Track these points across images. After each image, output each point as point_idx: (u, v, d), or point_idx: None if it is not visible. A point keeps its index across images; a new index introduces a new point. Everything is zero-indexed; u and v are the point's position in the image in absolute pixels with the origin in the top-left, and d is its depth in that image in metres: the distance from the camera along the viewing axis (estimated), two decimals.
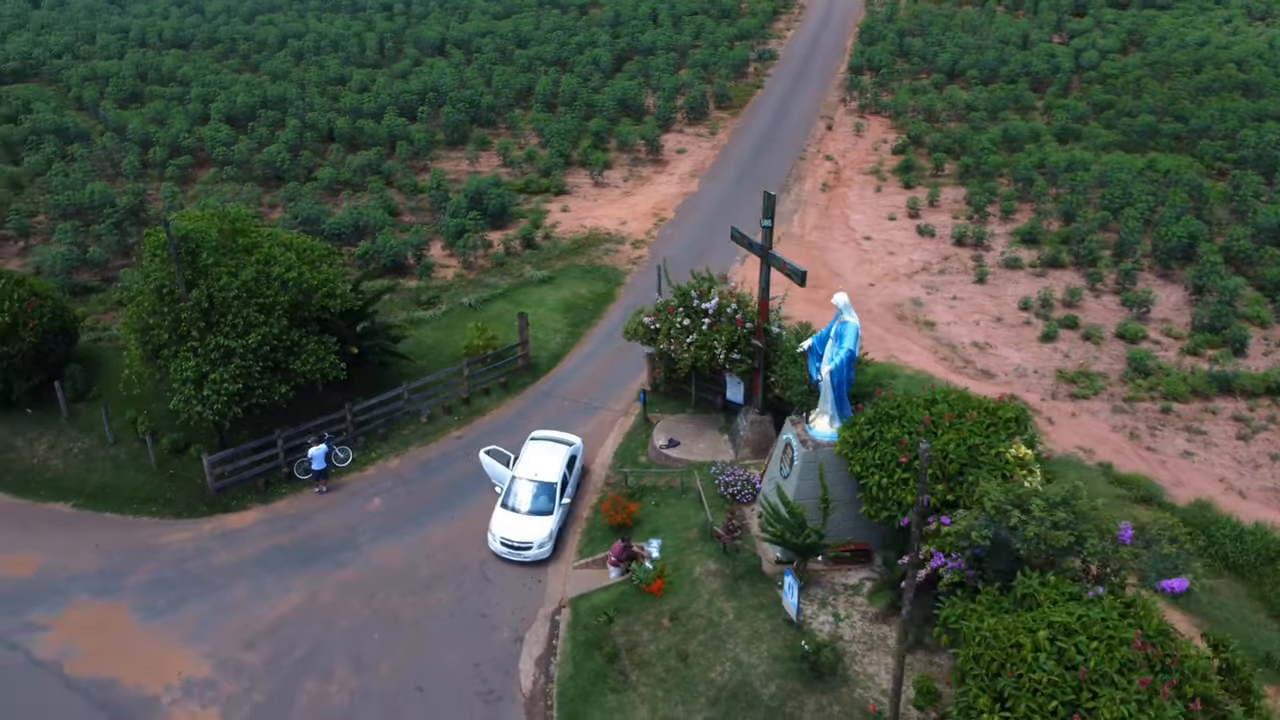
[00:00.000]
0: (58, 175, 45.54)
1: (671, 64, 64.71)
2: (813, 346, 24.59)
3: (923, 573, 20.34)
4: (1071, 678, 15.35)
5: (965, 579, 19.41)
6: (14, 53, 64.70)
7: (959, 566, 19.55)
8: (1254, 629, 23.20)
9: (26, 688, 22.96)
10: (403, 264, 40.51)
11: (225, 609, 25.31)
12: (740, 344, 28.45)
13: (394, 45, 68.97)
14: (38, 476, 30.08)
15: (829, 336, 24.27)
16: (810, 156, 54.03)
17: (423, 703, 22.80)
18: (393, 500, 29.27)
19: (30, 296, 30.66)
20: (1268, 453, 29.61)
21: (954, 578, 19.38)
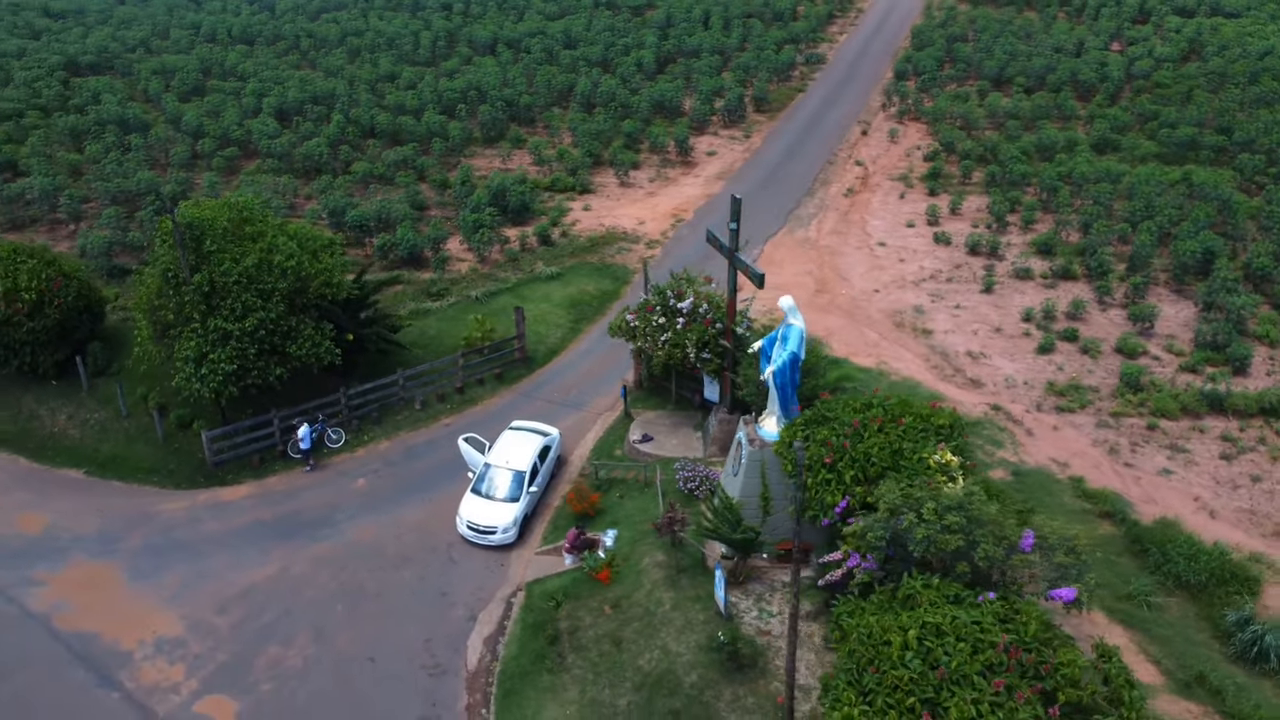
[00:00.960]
0: (111, 163, 48.27)
1: (714, 67, 65.22)
2: (763, 348, 25.09)
3: (839, 572, 20.81)
4: (933, 676, 15.74)
5: (874, 579, 19.82)
6: (92, 46, 68.40)
7: (871, 567, 19.96)
8: (1193, 648, 23.05)
9: (15, 638, 24.87)
10: (420, 256, 42.02)
11: (205, 575, 26.95)
12: (710, 344, 29.07)
13: (447, 44, 70.86)
14: (56, 444, 32.26)
15: (777, 339, 24.71)
16: (840, 161, 54.08)
17: (371, 672, 24.05)
18: (376, 481, 30.66)
19: (58, 276, 32.85)
20: (1249, 474, 29.08)
21: (864, 578, 19.80)
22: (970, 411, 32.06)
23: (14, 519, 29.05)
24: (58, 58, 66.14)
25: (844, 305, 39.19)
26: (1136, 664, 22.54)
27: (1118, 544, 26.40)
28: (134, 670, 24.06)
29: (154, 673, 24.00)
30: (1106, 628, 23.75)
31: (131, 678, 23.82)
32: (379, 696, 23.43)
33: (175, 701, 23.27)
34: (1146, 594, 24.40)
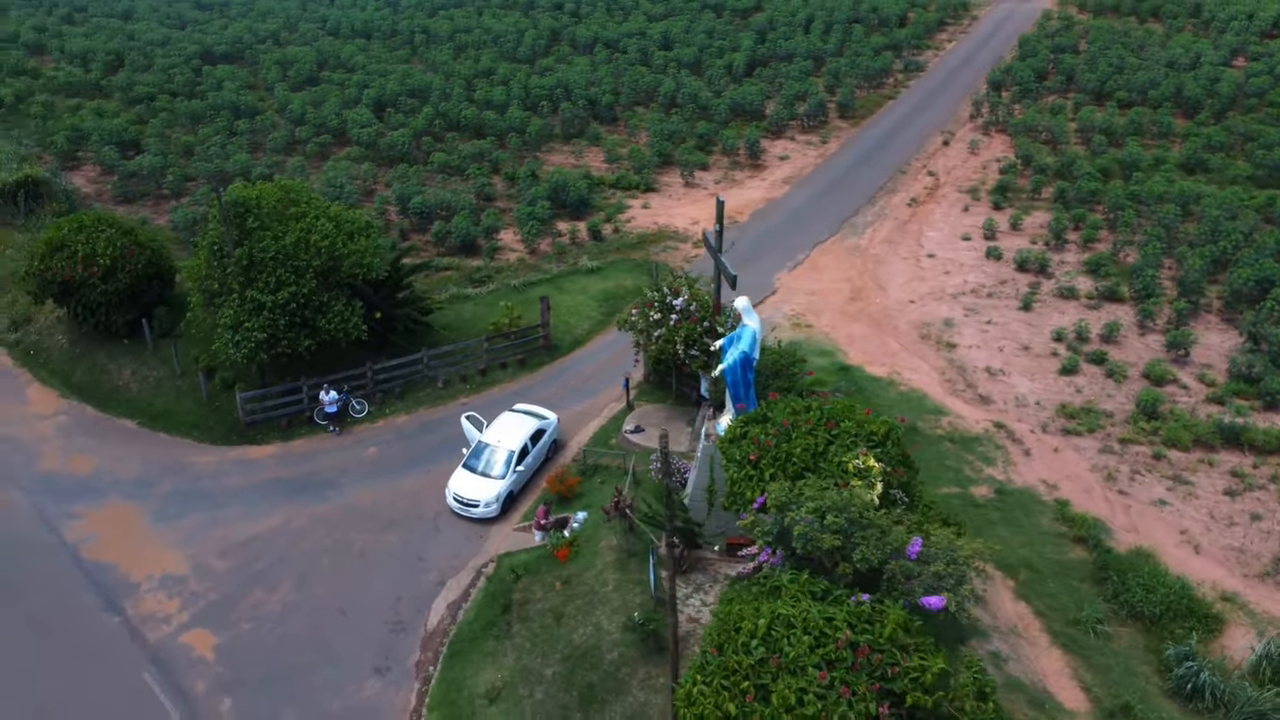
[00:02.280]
0: (215, 145, 52.43)
1: (804, 71, 65.30)
2: (723, 347, 25.76)
3: (750, 566, 21.46)
4: (770, 664, 16.38)
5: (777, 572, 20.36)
6: (227, 37, 73.85)
7: (776, 562, 20.54)
8: (1131, 679, 22.63)
9: (46, 562, 27.98)
10: (474, 244, 44.15)
11: (217, 522, 29.56)
12: (698, 341, 29.88)
13: (549, 42, 73.21)
14: (118, 396, 35.69)
15: (735, 339, 25.37)
16: (913, 171, 53.57)
17: (340, 623, 26.04)
18: (386, 451, 32.77)
19: (132, 245, 36.28)
20: (1250, 511, 27.91)
21: (767, 571, 20.38)
22: (971, 428, 31.88)
23: (69, 460, 32.45)
24: (195, 47, 71.79)
25: (873, 314, 39.16)
26: (1066, 689, 22.40)
27: (1084, 570, 25.95)
28: (137, 600, 26.77)
29: (153, 604, 26.65)
30: (1046, 650, 23.61)
31: (133, 606, 26.53)
32: (342, 645, 25.38)
33: (165, 631, 25.82)
34: (1096, 621, 23.99)
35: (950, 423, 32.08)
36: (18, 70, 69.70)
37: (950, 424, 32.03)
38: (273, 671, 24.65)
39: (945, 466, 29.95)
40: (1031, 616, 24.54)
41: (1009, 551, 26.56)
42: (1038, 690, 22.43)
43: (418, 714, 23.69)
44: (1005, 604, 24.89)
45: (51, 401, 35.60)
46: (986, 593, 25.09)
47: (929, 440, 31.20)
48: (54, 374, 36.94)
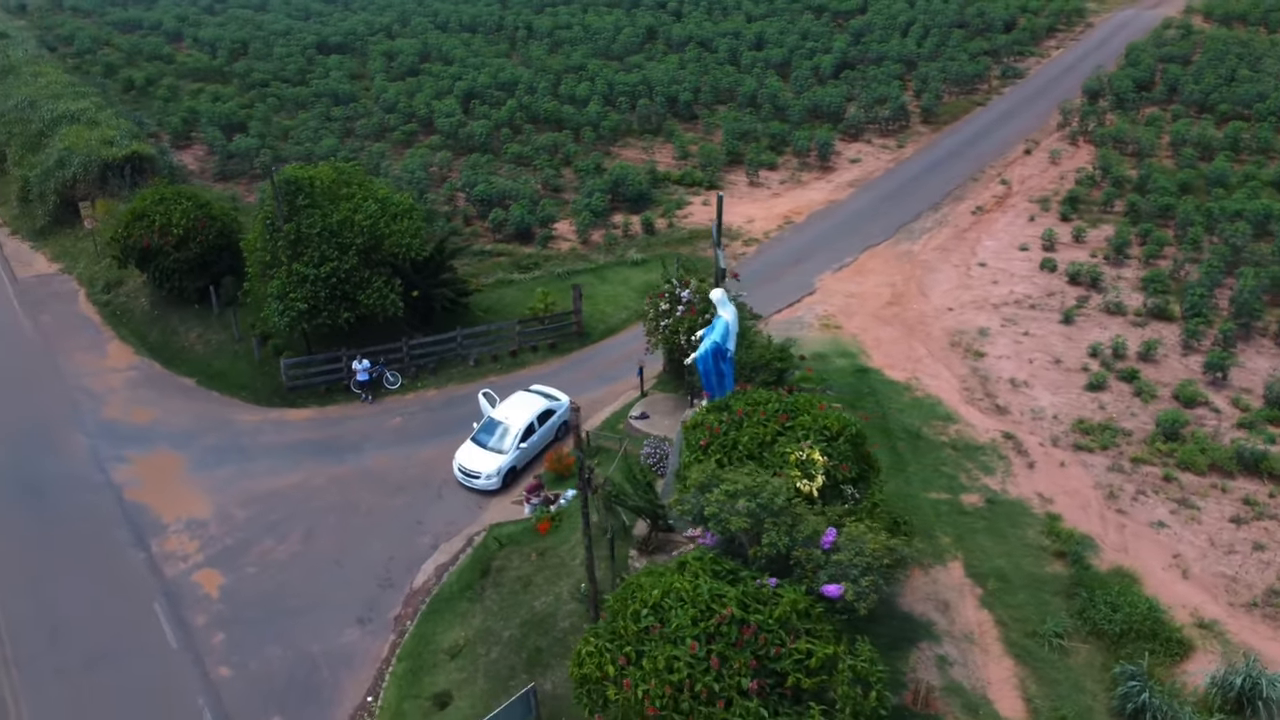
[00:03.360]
0: (308, 130, 55.76)
1: (892, 75, 64.59)
2: (702, 338, 26.41)
3: (689, 546, 22.18)
4: (652, 633, 17.16)
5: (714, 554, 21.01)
6: (343, 29, 77.97)
7: (710, 543, 21.19)
8: (1078, 694, 22.36)
9: (91, 498, 30.90)
10: (529, 232, 45.80)
11: (245, 475, 31.97)
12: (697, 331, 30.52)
13: (644, 40, 74.44)
14: (183, 355, 38.75)
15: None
16: (985, 179, 52.56)
17: (334, 574, 27.95)
18: (410, 421, 34.66)
19: (204, 217, 39.30)
20: (1253, 540, 26.83)
21: (698, 551, 21.05)
22: (977, 436, 31.56)
23: (132, 410, 35.54)
24: (313, 37, 76.03)
25: (908, 319, 38.92)
26: (1007, 698, 22.33)
27: (1058, 584, 25.54)
28: (162, 539, 29.32)
29: (175, 543, 29.15)
30: (998, 659, 23.51)
31: (158, 544, 29.10)
32: (332, 595, 27.25)
33: (180, 568, 28.25)
34: (1055, 635, 23.67)
35: (957, 430, 31.81)
36: (155, 55, 75.42)
37: (957, 431, 31.75)
38: (266, 613, 26.71)
39: (940, 473, 29.79)
40: (991, 625, 24.36)
41: (984, 560, 26.37)
42: (976, 696, 22.38)
43: (387, 663, 25.30)
44: (967, 611, 24.78)
45: (126, 357, 38.96)
46: (950, 601, 25.11)
47: (930, 446, 31.06)
48: (133, 333, 40.35)
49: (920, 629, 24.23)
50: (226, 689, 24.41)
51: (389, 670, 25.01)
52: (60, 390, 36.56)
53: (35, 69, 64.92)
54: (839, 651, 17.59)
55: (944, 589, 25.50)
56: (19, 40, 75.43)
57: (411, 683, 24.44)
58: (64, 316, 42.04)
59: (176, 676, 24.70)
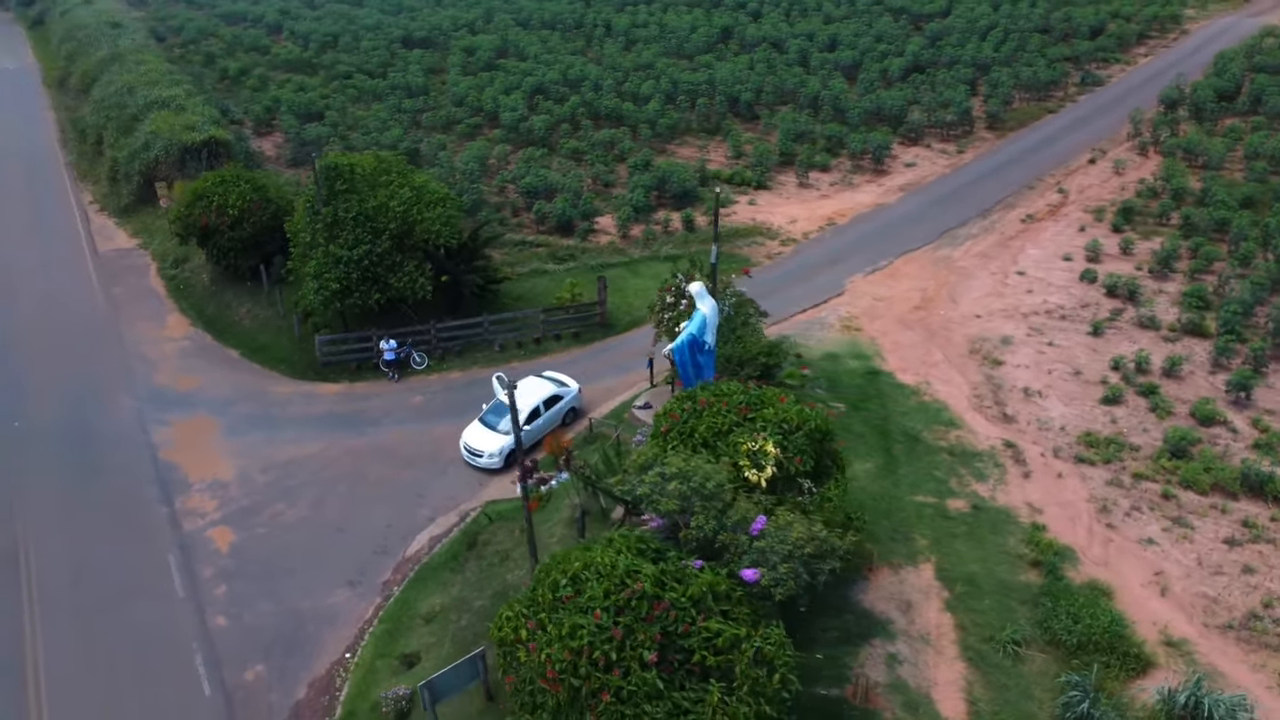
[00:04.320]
0: (377, 120, 58.14)
1: (962, 79, 63.65)
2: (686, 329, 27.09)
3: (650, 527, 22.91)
4: (564, 602, 18.01)
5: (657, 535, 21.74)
6: (428, 24, 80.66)
7: (658, 525, 21.93)
8: (1023, 700, 22.37)
9: (129, 456, 33.22)
10: (571, 225, 46.97)
11: (270, 443, 33.90)
12: None
13: (718, 40, 74.95)
14: (233, 329, 41.14)
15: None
16: (1043, 187, 51.58)
17: (334, 539, 29.54)
18: (431, 401, 36.16)
19: (259, 199, 41.60)
20: (1244, 563, 26.12)
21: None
22: (977, 444, 31.42)
23: (179, 377, 37.96)
24: (399, 32, 78.96)
25: (932, 324, 38.71)
26: (950, 699, 22.48)
27: (1028, 593, 25.39)
28: (186, 497, 31.42)
29: (197, 501, 31.20)
30: (950, 661, 23.61)
31: (181, 501, 31.18)
32: (329, 558, 28.83)
33: (198, 524, 30.24)
34: (1013, 642, 23.60)
35: (958, 436, 31.67)
36: (253, 47, 79.49)
37: (957, 437, 31.62)
38: (267, 570, 28.44)
39: (931, 477, 29.77)
40: (951, 628, 24.40)
41: (957, 564, 26.36)
42: (919, 695, 22.54)
43: (370, 623, 26.71)
44: (929, 613, 24.86)
45: (183, 328, 41.55)
46: (913, 602, 25.24)
47: (927, 450, 31.03)
48: (192, 306, 42.99)
49: (877, 626, 24.46)
50: (220, 637, 26.18)
51: (369, 630, 26.41)
52: (119, 356, 39.25)
53: (139, 57, 69.12)
54: (747, 633, 18.11)
55: (910, 590, 25.62)
56: (130, 30, 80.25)
57: (387, 643, 25.78)
58: (134, 288, 44.98)
59: (178, 622, 26.57)
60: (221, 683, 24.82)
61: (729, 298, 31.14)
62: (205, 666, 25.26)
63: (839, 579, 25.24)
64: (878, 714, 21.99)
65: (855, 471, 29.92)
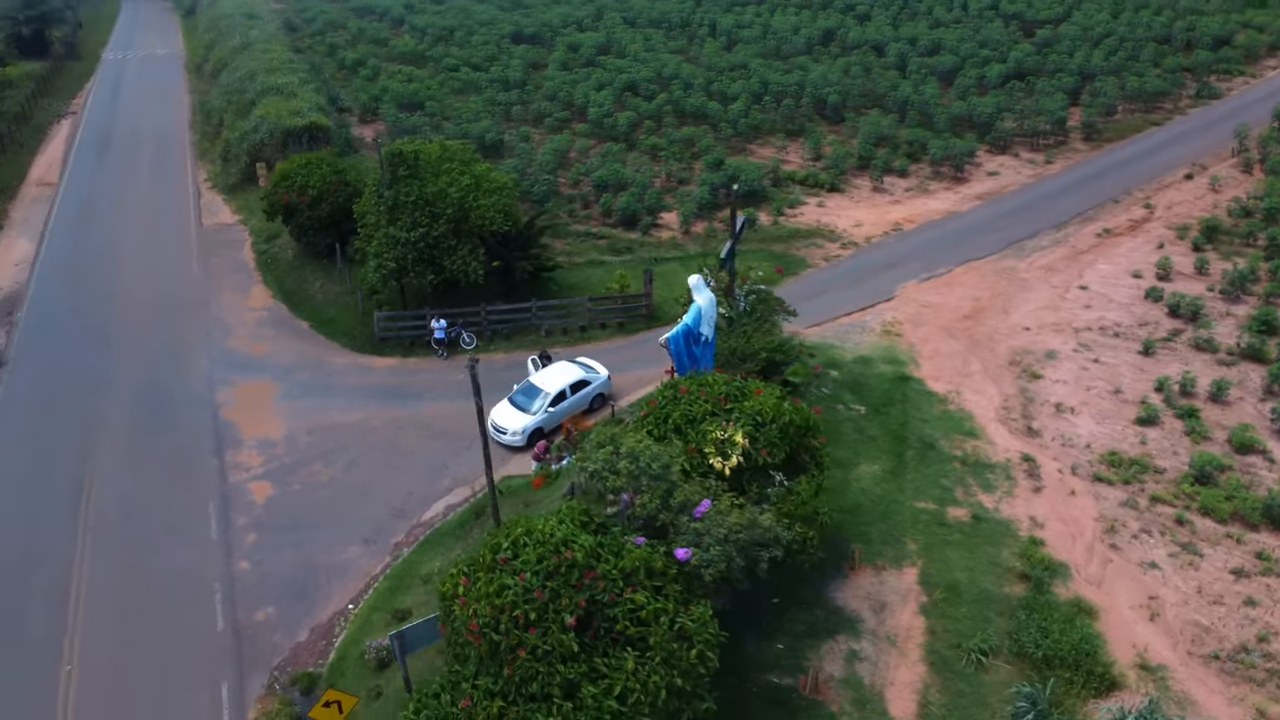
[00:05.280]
0: (471, 112, 60.57)
1: (1063, 87, 61.80)
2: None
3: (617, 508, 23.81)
4: (498, 564, 19.16)
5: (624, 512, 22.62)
6: (538, 21, 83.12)
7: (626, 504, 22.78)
8: (977, 708, 22.39)
9: (194, 414, 36.02)
10: (635, 219, 48.08)
11: (320, 409, 36.19)
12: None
13: (820, 41, 74.70)
14: (306, 302, 43.89)
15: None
16: (1129, 202, 49.84)
17: (358, 500, 31.48)
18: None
19: (338, 181, 44.22)
20: (1248, 594, 25.16)
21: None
22: (993, 455, 31.07)
23: (252, 344, 40.85)
24: (510, 28, 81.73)
25: (977, 334, 38.16)
26: (903, 700, 22.69)
27: (1008, 604, 25.13)
28: (237, 452, 33.97)
29: (245, 457, 33.71)
30: (913, 664, 23.75)
31: (231, 456, 33.74)
32: (351, 517, 30.77)
33: (242, 477, 32.70)
34: (980, 651, 23.51)
35: (974, 447, 31.33)
36: (373, 39, 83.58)
37: (974, 448, 31.28)
38: (293, 523, 30.58)
39: (937, 484, 29.61)
40: (921, 632, 24.42)
41: (943, 571, 26.28)
42: (872, 693, 22.75)
43: (375, 579, 28.46)
44: (903, 615, 24.94)
45: (263, 299, 44.58)
46: (889, 604, 25.36)
47: (940, 458, 30.84)
48: (275, 279, 46.05)
49: (846, 623, 24.72)
50: (241, 579, 28.40)
51: (374, 585, 28.16)
52: (202, 322, 42.46)
53: (265, 46, 73.83)
54: (674, 608, 18.86)
55: (888, 591, 25.74)
56: (264, 20, 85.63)
57: (386, 599, 27.46)
58: (228, 261, 48.44)
59: (206, 562, 28.93)
60: (234, 620, 26.98)
61: (746, 295, 31.63)
62: (223, 604, 27.47)
63: (819, 575, 25.82)
64: (824, 706, 22.34)
65: (860, 473, 30.15)
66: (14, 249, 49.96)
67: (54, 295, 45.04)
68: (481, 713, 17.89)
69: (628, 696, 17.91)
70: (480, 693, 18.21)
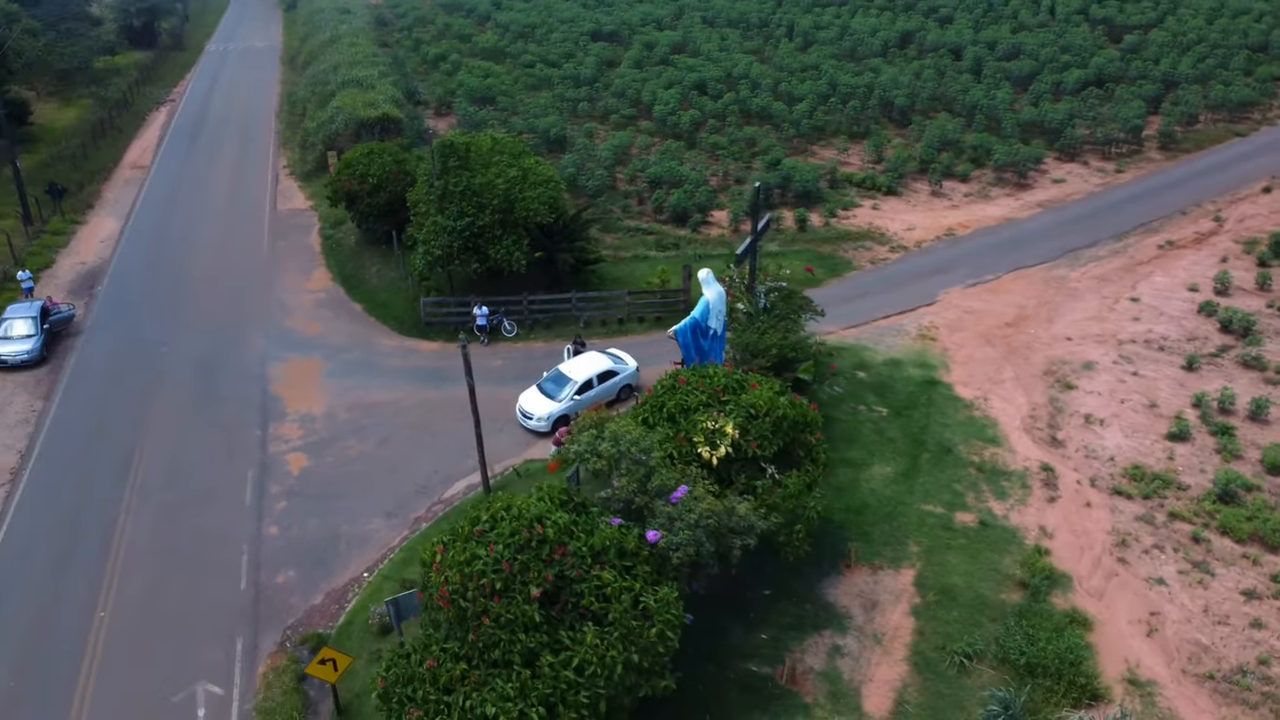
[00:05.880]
0: (537, 106, 61.88)
1: (1145, 94, 60.02)
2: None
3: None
4: (474, 535, 20.02)
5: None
6: (620, 19, 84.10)
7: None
8: (952, 710, 22.39)
9: (244, 386, 37.90)
10: (685, 215, 48.60)
11: (362, 387, 37.72)
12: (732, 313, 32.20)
13: (898, 44, 73.89)
14: (362, 286, 45.65)
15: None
16: (1198, 214, 48.38)
17: (386, 476, 32.79)
18: (508, 365, 38.95)
19: (397, 170, 45.84)
20: (1256, 616, 24.47)
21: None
22: (1012, 463, 30.79)
23: (307, 323, 42.73)
24: (591, 25, 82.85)
25: (1015, 342, 37.65)
26: (880, 698, 22.89)
27: (1002, 611, 24.96)
28: (279, 425, 35.67)
29: (287, 430, 35.38)
30: (895, 663, 23.92)
31: (274, 428, 35.46)
32: (377, 489, 32.10)
33: (281, 449, 34.35)
34: (964, 654, 23.45)
35: (993, 454, 31.03)
36: (459, 35, 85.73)
37: (992, 455, 30.98)
38: (323, 493, 32.05)
39: (950, 489, 29.46)
40: (908, 632, 24.45)
41: (940, 574, 26.22)
42: (849, 687, 22.93)
43: (392, 550, 29.67)
44: (893, 615, 25.00)
45: (323, 282, 46.53)
46: (880, 603, 25.45)
47: (956, 463, 30.65)
48: (336, 263, 48.00)
49: (833, 619, 24.91)
50: (266, 543, 29.93)
51: (390, 557, 29.37)
52: (264, 301, 44.55)
53: (352, 40, 76.58)
54: (634, 586, 19.44)
55: (881, 590, 25.81)
56: (356, 15, 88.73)
57: (399, 568, 28.62)
58: (296, 244, 50.62)
59: (237, 525, 30.56)
60: (256, 581, 28.49)
61: (767, 292, 31.92)
62: (248, 565, 29.03)
63: (815, 571, 26.12)
64: (799, 696, 22.60)
65: (872, 474, 30.19)
66: (102, 227, 53.07)
67: (133, 271, 47.78)
68: (445, 674, 18.76)
69: (585, 668, 18.55)
70: (447, 655, 19.08)
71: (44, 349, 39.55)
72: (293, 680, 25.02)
